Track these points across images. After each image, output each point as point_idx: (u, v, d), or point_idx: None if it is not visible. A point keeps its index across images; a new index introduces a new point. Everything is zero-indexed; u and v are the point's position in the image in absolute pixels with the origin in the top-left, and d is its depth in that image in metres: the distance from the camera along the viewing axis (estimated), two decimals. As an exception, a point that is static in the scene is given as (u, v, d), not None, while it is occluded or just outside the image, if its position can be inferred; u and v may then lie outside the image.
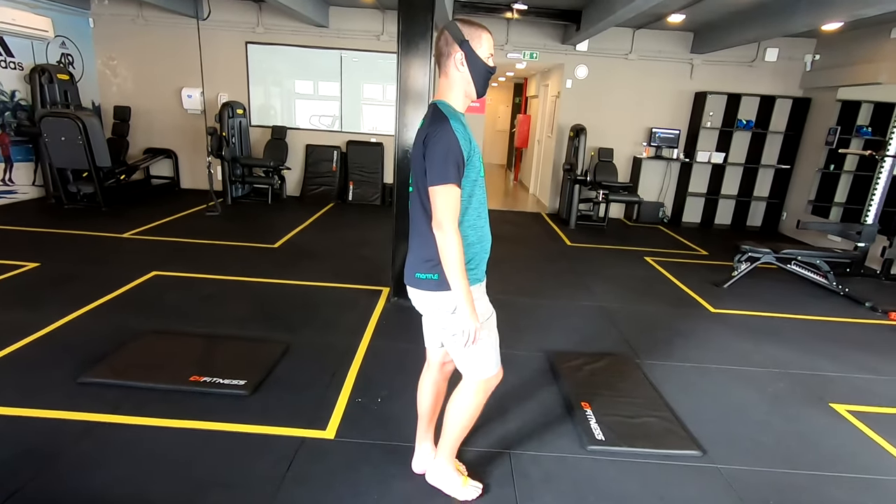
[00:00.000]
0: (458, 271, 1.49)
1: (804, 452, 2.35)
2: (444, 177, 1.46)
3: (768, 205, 7.49)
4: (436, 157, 1.47)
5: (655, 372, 3.00)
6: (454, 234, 1.48)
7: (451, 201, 1.48)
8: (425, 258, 1.59)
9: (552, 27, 7.05)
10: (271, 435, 2.21)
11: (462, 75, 1.56)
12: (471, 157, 1.53)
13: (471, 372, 1.71)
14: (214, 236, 5.25)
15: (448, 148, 1.46)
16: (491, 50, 1.57)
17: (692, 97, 7.27)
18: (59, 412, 2.26)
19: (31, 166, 6.33)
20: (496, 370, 1.74)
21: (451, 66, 1.55)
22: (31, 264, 4.05)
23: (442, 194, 1.47)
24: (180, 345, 2.94)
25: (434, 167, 1.47)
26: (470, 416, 1.77)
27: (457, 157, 1.47)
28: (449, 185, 1.47)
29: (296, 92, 7.55)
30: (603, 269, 5.04)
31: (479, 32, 1.54)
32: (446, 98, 1.60)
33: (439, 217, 1.48)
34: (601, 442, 2.29)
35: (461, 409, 1.76)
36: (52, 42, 6.42)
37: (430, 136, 1.49)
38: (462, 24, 1.54)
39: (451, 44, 1.53)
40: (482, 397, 1.75)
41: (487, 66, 1.56)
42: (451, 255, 1.48)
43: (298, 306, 3.65)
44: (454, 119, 1.50)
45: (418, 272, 1.62)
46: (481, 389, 1.73)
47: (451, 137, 1.46)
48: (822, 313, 4.19)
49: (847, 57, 6.32)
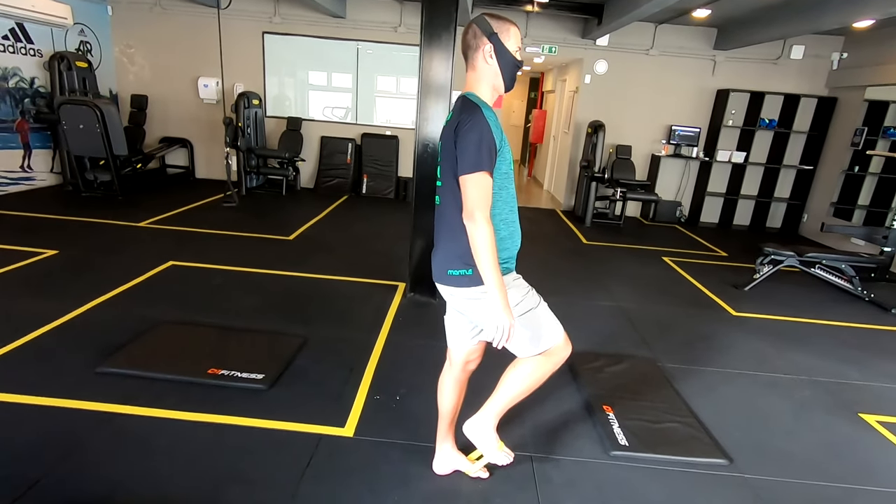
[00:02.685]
0: (491, 264, 1.45)
1: (835, 464, 2.28)
2: (477, 164, 1.43)
3: (789, 206, 7.34)
4: (468, 144, 1.44)
5: (677, 376, 2.94)
6: (486, 224, 1.44)
7: (485, 190, 1.45)
8: (458, 254, 1.55)
9: (572, 21, 6.93)
10: (290, 431, 2.19)
11: (491, 68, 1.55)
12: (501, 148, 1.50)
13: (527, 350, 1.64)
14: (229, 227, 5.25)
15: (481, 135, 1.44)
16: (519, 44, 1.57)
17: (714, 95, 7.12)
18: (78, 402, 2.26)
19: (49, 153, 6.36)
20: (559, 338, 1.66)
21: (480, 58, 1.55)
22: (50, 251, 4.07)
23: (474, 182, 1.44)
24: (197, 336, 2.92)
25: (466, 155, 1.44)
26: (529, 386, 1.70)
27: (490, 145, 1.45)
28: (482, 173, 1.44)
29: (311, 83, 7.51)
30: (620, 269, 4.96)
31: (507, 26, 1.54)
32: (475, 91, 1.58)
33: (471, 206, 1.44)
34: (625, 447, 2.24)
35: (522, 376, 1.68)
36: (70, 29, 6.43)
37: (461, 125, 1.46)
38: (490, 17, 1.55)
39: (480, 36, 1.53)
40: (549, 368, 1.67)
41: (515, 60, 1.57)
42: (484, 247, 1.44)
43: (314, 299, 3.62)
44: (486, 108, 1.49)
45: (451, 269, 1.58)
46: (548, 362, 1.66)
47: (483, 125, 1.44)
48: (846, 319, 4.08)
49: (876, 55, 6.14)
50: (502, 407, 1.76)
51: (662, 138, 7.29)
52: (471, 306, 1.62)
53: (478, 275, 1.52)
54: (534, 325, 1.63)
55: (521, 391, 1.71)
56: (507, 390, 1.72)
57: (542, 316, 1.66)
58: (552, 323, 1.68)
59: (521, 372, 1.69)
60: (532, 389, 1.72)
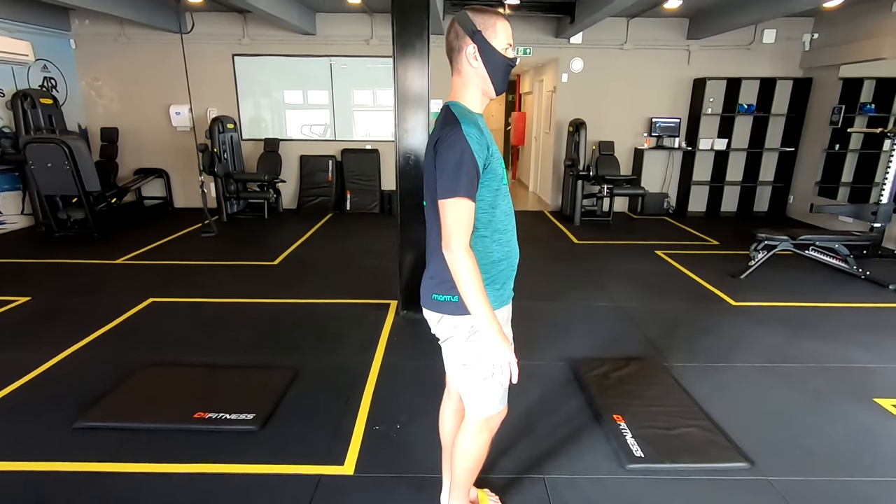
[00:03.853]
0: (477, 295, 1.29)
1: (859, 456, 2.19)
2: (454, 189, 1.28)
3: (774, 189, 7.35)
4: (446, 166, 1.29)
5: (685, 375, 2.84)
6: (465, 254, 1.29)
7: (463, 217, 1.29)
8: (443, 278, 1.41)
9: (545, 21, 6.90)
10: (285, 474, 2.04)
11: (477, 71, 1.37)
12: (489, 164, 1.34)
13: (475, 408, 1.53)
14: (212, 256, 5.08)
15: (461, 157, 1.28)
16: (509, 39, 1.37)
17: (691, 84, 7.12)
18: (55, 463, 2.09)
19: (18, 195, 6.14)
20: (500, 408, 1.56)
21: (464, 61, 1.37)
22: (22, 298, 3.88)
23: (451, 209, 1.29)
24: (182, 378, 2.77)
25: (444, 178, 1.29)
26: (476, 457, 1.60)
27: (470, 166, 1.28)
28: (459, 199, 1.28)
29: (286, 102, 7.38)
30: (614, 266, 4.88)
31: (493, 20, 1.34)
32: (460, 98, 1.41)
33: (447, 234, 1.30)
34: (640, 459, 2.13)
35: (466, 451, 1.59)
36: (33, 66, 6.24)
37: (440, 143, 1.31)
38: (473, 12, 1.35)
39: (462, 36, 1.35)
40: (486, 436, 1.57)
41: (506, 58, 1.37)
42: (466, 279, 1.29)
43: (304, 326, 3.48)
44: (467, 122, 1.32)
45: (436, 293, 1.45)
46: (485, 429, 1.56)
47: (462, 144, 1.28)
48: (846, 299, 4.03)
49: (847, 34, 6.18)
50: (463, 488, 1.68)
51: (644, 131, 7.27)
52: (453, 336, 1.48)
53: (463, 303, 1.37)
54: (497, 388, 1.51)
55: (472, 465, 1.62)
56: (460, 470, 1.63)
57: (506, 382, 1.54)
58: (506, 389, 1.56)
59: (463, 448, 1.59)
60: (482, 459, 1.62)
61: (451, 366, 1.56)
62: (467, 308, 1.34)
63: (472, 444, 1.57)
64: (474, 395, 1.52)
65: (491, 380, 1.48)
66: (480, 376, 1.48)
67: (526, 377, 2.77)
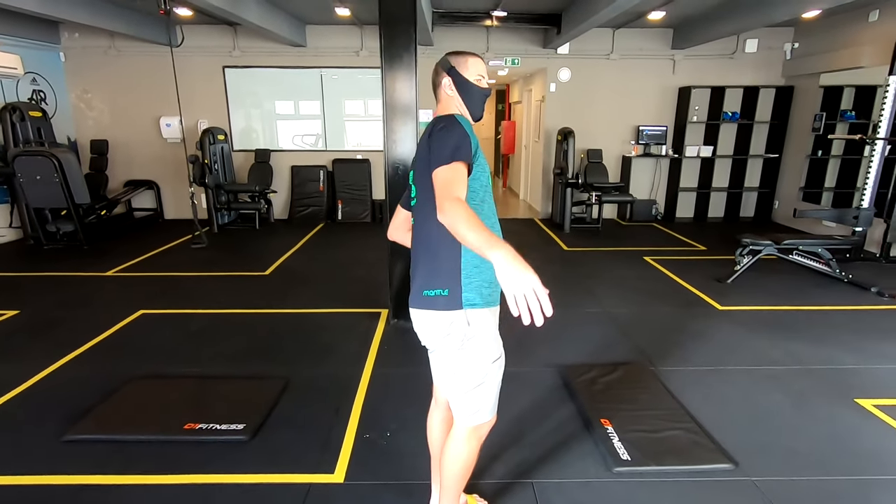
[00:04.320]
0: (483, 231, 1.19)
1: (840, 456, 2.23)
2: (450, 156, 1.34)
3: (759, 195, 7.48)
4: (441, 141, 1.38)
5: (672, 379, 2.88)
6: (460, 203, 1.24)
7: (458, 176, 1.32)
8: (433, 274, 1.45)
9: (532, 32, 7.01)
10: (276, 484, 2.05)
11: (453, 99, 1.57)
12: (477, 155, 1.45)
13: (464, 417, 1.55)
14: (202, 267, 5.08)
15: (455, 134, 1.39)
16: (481, 72, 1.58)
17: (676, 93, 7.26)
18: (43, 477, 2.08)
19: (6, 208, 6.11)
20: (491, 417, 1.59)
21: (443, 91, 1.58)
22: (10, 312, 3.85)
23: (444, 172, 1.32)
24: (172, 390, 2.76)
25: (440, 150, 1.36)
26: (465, 465, 1.61)
27: (464, 140, 1.38)
28: (455, 163, 1.33)
29: (277, 113, 7.42)
30: (603, 273, 4.94)
31: (465, 58, 1.57)
32: None
33: (442, 193, 1.28)
34: (627, 462, 2.16)
35: (455, 459, 1.60)
36: (22, 79, 6.24)
37: (435, 129, 1.43)
38: (451, 55, 1.59)
39: (441, 73, 1.58)
40: (475, 444, 1.60)
41: (478, 87, 1.57)
42: (466, 223, 1.20)
43: (295, 336, 3.49)
44: (460, 117, 1.49)
45: (426, 290, 1.47)
46: (473, 437, 1.58)
47: (457, 126, 1.42)
48: (829, 302, 4.11)
49: (827, 43, 6.35)
50: (454, 491, 1.69)
51: (631, 139, 7.38)
52: (441, 336, 1.48)
53: (455, 296, 1.42)
54: (489, 390, 1.53)
55: (461, 474, 1.63)
56: (449, 479, 1.64)
57: (497, 387, 1.57)
58: (496, 397, 1.58)
59: (452, 456, 1.60)
60: (471, 467, 1.64)
61: (440, 374, 1.58)
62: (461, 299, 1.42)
63: (461, 453, 1.59)
64: (463, 404, 1.54)
65: (481, 387, 1.51)
66: (471, 385, 1.51)
67: (515, 382, 2.82)
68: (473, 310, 1.44)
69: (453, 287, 1.43)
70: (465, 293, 1.43)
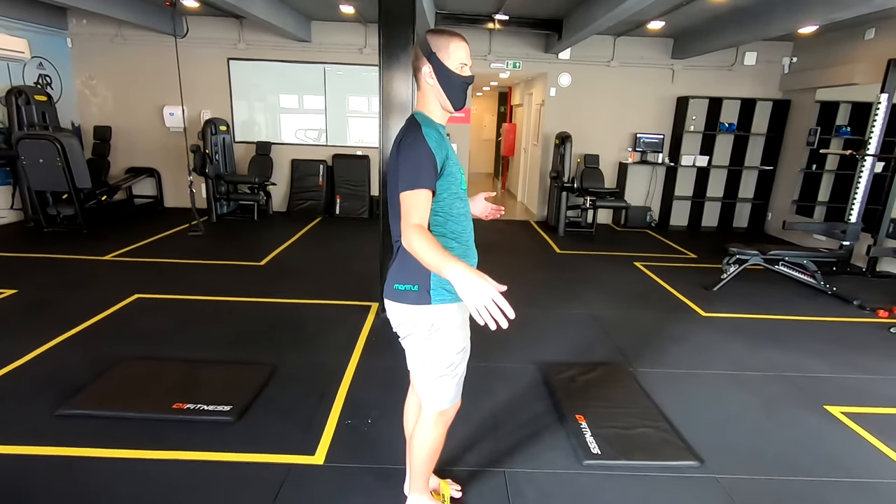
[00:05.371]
0: (441, 255, 1.27)
1: (802, 458, 2.32)
2: (414, 182, 1.38)
3: (753, 206, 7.56)
4: (406, 162, 1.40)
5: (649, 380, 2.97)
6: (421, 231, 1.34)
7: (421, 204, 1.38)
8: (405, 270, 1.52)
9: (534, 36, 7.10)
10: (257, 463, 2.14)
11: (433, 88, 1.51)
12: (446, 166, 1.47)
13: (430, 401, 1.64)
14: (199, 255, 5.16)
15: (419, 154, 1.40)
16: (464, 59, 1.49)
17: (674, 102, 7.35)
18: (35, 447, 2.17)
19: (9, 190, 6.19)
20: (454, 402, 1.68)
21: (423, 79, 1.51)
22: (8, 291, 3.94)
23: (410, 198, 1.38)
24: (163, 371, 2.85)
25: (404, 173, 1.40)
26: (431, 449, 1.71)
27: (429, 163, 1.40)
28: (419, 190, 1.38)
29: (280, 107, 7.50)
30: (593, 276, 5.02)
31: (447, 42, 1.47)
32: (424, 110, 1.55)
33: (406, 221, 1.36)
34: (597, 456, 2.24)
35: (422, 443, 1.70)
36: (28, 63, 6.33)
37: (402, 143, 1.44)
38: (432, 35, 1.49)
39: (420, 57, 1.49)
40: (441, 429, 1.68)
41: (460, 77, 1.49)
42: (427, 247, 1.30)
43: (285, 325, 3.57)
44: (428, 126, 1.46)
45: (397, 283, 1.55)
46: (440, 422, 1.67)
47: (421, 143, 1.41)
48: (811, 313, 4.20)
49: (824, 59, 6.44)
50: (421, 478, 1.78)
51: (629, 146, 7.47)
52: (409, 327, 1.56)
53: (424, 292, 1.49)
54: (452, 378, 1.62)
55: (428, 456, 1.72)
56: (417, 462, 1.74)
57: (461, 376, 1.66)
58: (460, 386, 1.67)
59: (419, 440, 1.70)
60: (437, 451, 1.73)
61: (410, 362, 1.67)
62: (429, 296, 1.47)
63: (427, 437, 1.68)
64: (429, 390, 1.62)
65: (444, 377, 1.59)
66: (436, 373, 1.59)
67: (496, 378, 2.91)
68: (442, 305, 1.52)
69: (422, 283, 1.50)
70: (433, 290, 1.51)
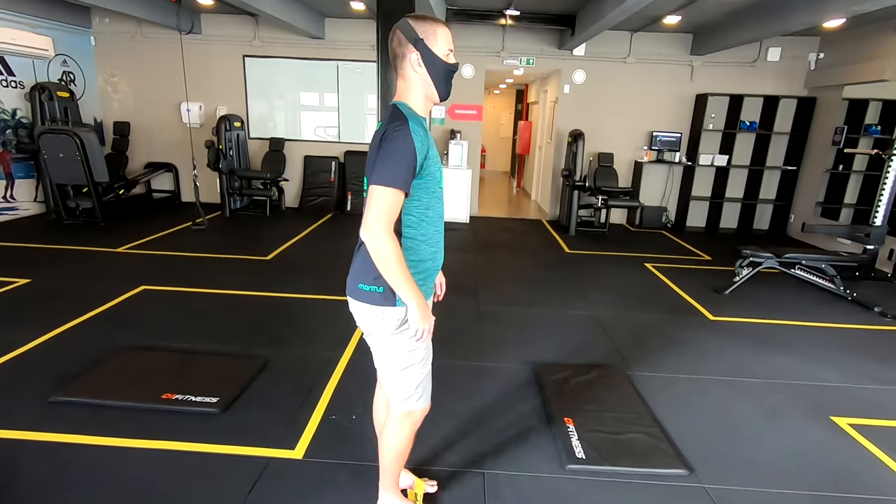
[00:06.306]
0: (401, 273, 1.37)
1: (801, 471, 2.21)
2: (392, 179, 1.34)
3: (775, 207, 7.30)
4: (388, 156, 1.35)
5: (646, 384, 2.88)
6: (388, 237, 1.34)
7: (392, 206, 1.35)
8: (370, 269, 1.47)
9: (548, 32, 6.99)
10: (237, 455, 2.15)
11: (420, 77, 1.44)
12: (426, 164, 1.42)
13: (396, 401, 1.61)
14: (208, 249, 5.24)
15: (404, 150, 1.35)
16: (450, 46, 1.45)
17: (693, 100, 7.14)
18: (26, 433, 2.22)
19: (32, 183, 6.41)
20: (424, 405, 1.65)
21: (408, 67, 1.44)
22: (22, 280, 4.07)
23: (382, 195, 1.33)
24: (158, 361, 2.89)
25: (383, 167, 1.35)
26: (399, 450, 1.68)
27: (409, 160, 1.36)
28: (394, 189, 1.34)
29: (294, 103, 7.57)
30: (600, 277, 4.91)
31: (433, 28, 1.42)
32: (405, 100, 1.48)
33: (371, 218, 1.33)
34: (581, 461, 2.18)
35: (390, 444, 1.68)
36: (53, 60, 6.53)
37: (387, 134, 1.37)
38: (414, 20, 1.43)
39: (405, 44, 1.42)
40: (408, 431, 1.66)
41: (447, 64, 1.44)
42: (390, 259, 1.35)
43: (284, 319, 3.59)
44: (414, 120, 1.40)
45: (362, 283, 1.51)
46: (407, 423, 1.64)
47: (407, 138, 1.35)
48: (828, 319, 4.02)
49: (852, 54, 6.16)
50: (391, 478, 1.77)
51: (644, 144, 7.30)
52: (374, 327, 1.54)
53: (390, 293, 1.46)
54: (415, 380, 1.59)
55: (396, 457, 1.71)
56: (386, 462, 1.73)
57: (427, 375, 1.63)
58: (427, 386, 1.65)
59: (388, 441, 1.69)
60: (406, 452, 1.72)
61: (376, 359, 1.63)
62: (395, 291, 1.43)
63: (395, 438, 1.66)
64: (394, 388, 1.60)
65: (408, 371, 1.56)
66: (398, 368, 1.56)
67: (487, 377, 2.86)
68: (405, 306, 1.48)
69: (387, 285, 1.45)
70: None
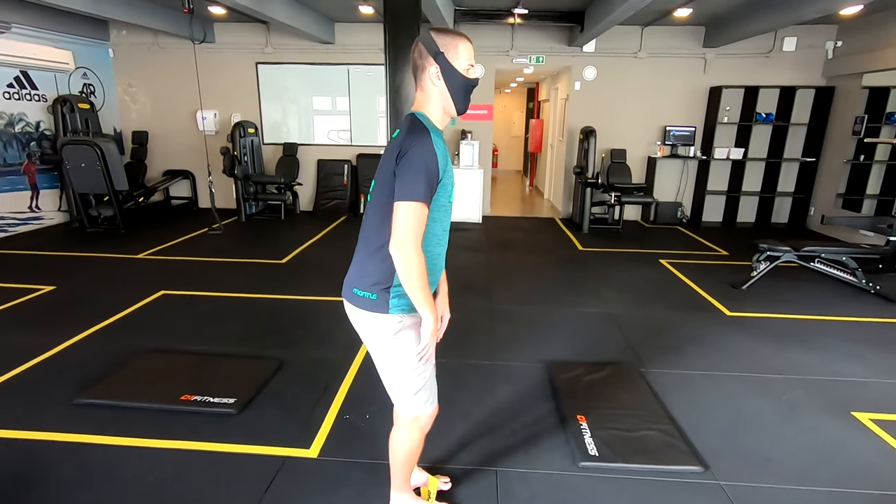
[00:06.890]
0: (423, 289, 1.40)
1: (819, 467, 2.17)
2: (415, 194, 1.34)
3: (794, 200, 7.15)
4: (411, 171, 1.34)
5: (661, 381, 2.85)
6: (416, 255, 1.36)
7: (418, 221, 1.36)
8: (365, 275, 1.49)
9: (557, 30, 6.96)
10: (253, 454, 2.19)
11: (439, 90, 1.44)
12: (444, 178, 1.42)
13: (401, 406, 1.63)
14: (225, 254, 5.34)
15: (426, 164, 1.35)
16: (471, 60, 1.44)
17: (707, 93, 7.03)
18: (51, 434, 2.30)
19: (56, 193, 6.61)
20: (431, 409, 1.66)
21: (427, 80, 1.44)
22: (47, 287, 4.20)
23: (409, 211, 1.34)
24: (176, 363, 2.97)
25: (406, 182, 1.34)
26: (409, 454, 1.70)
27: (433, 176, 1.36)
28: (420, 204, 1.35)
29: (307, 108, 7.67)
30: (614, 274, 4.88)
31: (455, 42, 1.41)
32: (424, 111, 1.48)
33: (401, 236, 1.35)
34: (594, 458, 2.17)
35: (399, 448, 1.70)
36: (74, 73, 6.72)
37: (406, 148, 1.36)
38: (437, 33, 1.42)
39: (426, 56, 1.42)
40: (417, 435, 1.67)
41: (467, 79, 1.44)
42: (416, 275, 1.37)
43: (298, 322, 3.64)
44: (436, 133, 1.40)
45: (356, 288, 1.52)
46: (414, 427, 1.65)
47: (430, 152, 1.35)
48: (850, 314, 3.92)
49: (872, 42, 6.00)
50: (401, 481, 1.80)
51: (658, 140, 7.21)
52: (367, 331, 1.55)
53: (381, 301, 1.47)
54: (415, 385, 1.59)
55: (406, 461, 1.73)
56: (395, 466, 1.77)
57: (431, 379, 1.64)
58: (432, 390, 1.65)
59: (396, 445, 1.72)
60: (415, 456, 1.74)
61: (376, 364, 1.63)
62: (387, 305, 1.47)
63: (404, 442, 1.68)
64: (397, 393, 1.61)
65: (406, 376, 1.56)
66: (396, 373, 1.57)
67: (500, 376, 2.87)
68: (400, 314, 1.49)
69: (382, 293, 1.47)
70: (392, 299, 1.48)
